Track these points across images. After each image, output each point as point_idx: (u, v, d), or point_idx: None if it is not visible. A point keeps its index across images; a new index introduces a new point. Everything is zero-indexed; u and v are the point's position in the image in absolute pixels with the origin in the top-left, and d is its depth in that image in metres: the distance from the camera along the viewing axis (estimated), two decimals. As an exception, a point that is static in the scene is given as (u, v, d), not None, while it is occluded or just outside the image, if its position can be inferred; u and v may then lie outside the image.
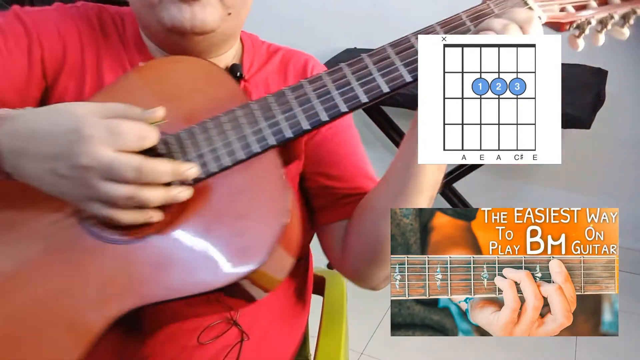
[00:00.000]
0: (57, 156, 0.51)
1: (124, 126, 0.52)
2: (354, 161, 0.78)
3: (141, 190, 0.51)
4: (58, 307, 0.54)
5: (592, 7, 0.61)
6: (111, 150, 0.50)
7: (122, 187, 0.50)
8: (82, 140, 0.50)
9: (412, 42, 0.59)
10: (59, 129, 0.51)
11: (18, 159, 0.52)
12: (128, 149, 0.51)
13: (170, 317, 0.63)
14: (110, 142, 0.50)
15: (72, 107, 0.53)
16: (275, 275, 0.59)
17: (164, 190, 0.53)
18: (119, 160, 0.50)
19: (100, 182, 0.50)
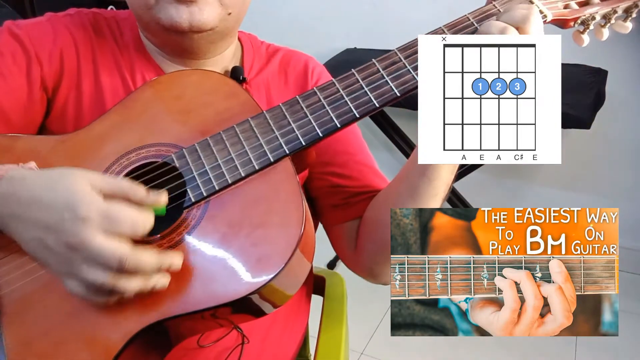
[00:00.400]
0: (48, 228, 0.50)
1: (120, 213, 0.50)
2: (362, 159, 0.79)
3: (119, 280, 0.50)
4: (78, 323, 0.54)
5: (595, 2, 0.62)
6: (102, 236, 0.49)
7: (101, 273, 0.49)
8: (75, 220, 0.49)
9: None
10: (56, 202, 0.50)
11: (9, 220, 0.52)
12: (120, 234, 0.50)
13: (191, 330, 0.62)
14: (103, 226, 0.49)
15: (75, 179, 0.52)
16: (293, 283, 0.59)
17: (143, 280, 0.51)
18: (106, 248, 0.49)
19: (83, 264, 0.49)
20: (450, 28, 0.60)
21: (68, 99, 0.69)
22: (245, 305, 0.55)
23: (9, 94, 0.66)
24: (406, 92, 0.59)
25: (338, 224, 0.78)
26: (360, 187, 0.76)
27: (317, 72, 0.80)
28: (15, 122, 0.66)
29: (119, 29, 0.74)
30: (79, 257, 0.49)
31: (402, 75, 0.59)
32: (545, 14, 0.60)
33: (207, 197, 0.57)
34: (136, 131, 0.62)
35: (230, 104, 0.62)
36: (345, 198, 0.76)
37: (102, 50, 0.72)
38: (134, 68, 0.72)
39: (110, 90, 0.70)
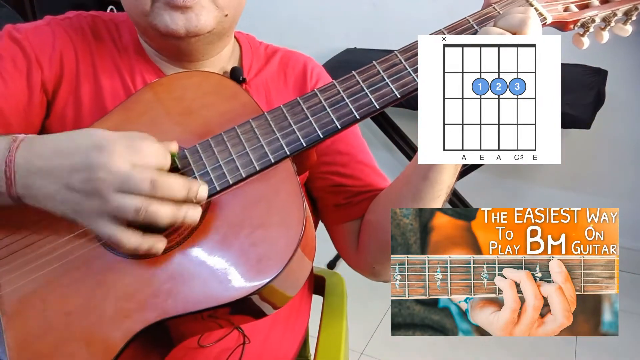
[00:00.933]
0: (75, 169, 0.51)
1: (143, 144, 0.53)
2: (364, 159, 0.79)
3: (151, 204, 0.51)
4: (78, 323, 0.54)
5: (595, 5, 0.62)
6: (128, 164, 0.51)
7: (133, 198, 0.50)
8: (101, 154, 0.51)
9: None
10: (80, 145, 0.52)
11: (32, 178, 0.52)
12: (145, 165, 0.52)
13: (191, 331, 0.62)
14: (128, 156, 0.51)
15: (93, 129, 0.54)
16: (294, 285, 0.59)
17: (174, 208, 0.52)
18: (135, 173, 0.50)
19: (113, 193, 0.50)
20: (450, 30, 0.60)
21: (67, 102, 0.70)
22: (245, 306, 0.55)
23: (10, 98, 0.66)
24: (406, 93, 0.59)
25: (340, 224, 0.78)
26: (362, 186, 0.77)
27: (316, 72, 0.81)
28: (15, 126, 0.67)
29: (118, 32, 0.74)
30: (109, 187, 0.50)
31: (402, 77, 0.59)
32: (545, 17, 0.60)
33: (208, 197, 0.57)
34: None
35: (231, 105, 0.63)
36: (347, 197, 0.77)
37: (101, 53, 0.72)
38: (134, 70, 0.72)
39: (110, 93, 0.70)
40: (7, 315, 0.56)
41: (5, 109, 0.66)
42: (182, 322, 0.55)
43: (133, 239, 0.52)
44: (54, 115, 0.70)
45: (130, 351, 0.54)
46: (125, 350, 0.54)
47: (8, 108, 0.66)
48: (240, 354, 0.72)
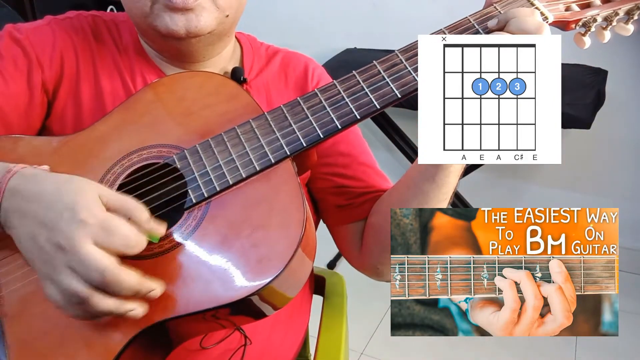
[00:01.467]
0: (44, 225, 0.50)
1: (117, 227, 0.50)
2: (365, 160, 0.79)
3: (94, 295, 0.49)
4: (78, 324, 0.54)
5: (596, 4, 0.62)
6: (92, 244, 0.49)
7: (78, 284, 0.48)
8: (71, 222, 0.49)
9: None
10: (59, 201, 0.51)
11: (12, 215, 0.52)
12: (110, 249, 0.49)
13: (191, 332, 0.62)
14: (97, 235, 0.49)
15: (84, 185, 0.52)
16: (294, 285, 0.59)
17: (117, 303, 0.50)
18: (92, 257, 0.48)
19: (65, 269, 0.49)
20: (451, 30, 0.60)
21: (67, 102, 0.69)
22: (245, 306, 0.55)
23: (10, 98, 0.66)
24: (407, 93, 0.59)
25: (343, 225, 0.79)
26: (364, 187, 0.77)
27: (317, 73, 0.81)
28: (15, 125, 0.67)
29: (118, 32, 0.74)
30: (64, 260, 0.49)
31: (403, 76, 0.59)
32: (547, 16, 0.60)
33: (208, 198, 0.57)
34: (138, 132, 0.62)
35: (232, 105, 0.62)
36: (349, 199, 0.77)
37: (102, 53, 0.72)
38: (134, 70, 0.72)
39: (110, 93, 0.70)
40: (7, 316, 0.55)
41: (6, 109, 0.66)
42: (182, 323, 0.55)
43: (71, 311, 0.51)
44: (54, 115, 0.70)
45: (130, 352, 0.54)
46: (125, 352, 0.53)
47: (9, 108, 0.66)
48: (242, 355, 0.72)
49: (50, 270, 0.50)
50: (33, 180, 0.53)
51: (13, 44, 0.68)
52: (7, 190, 0.52)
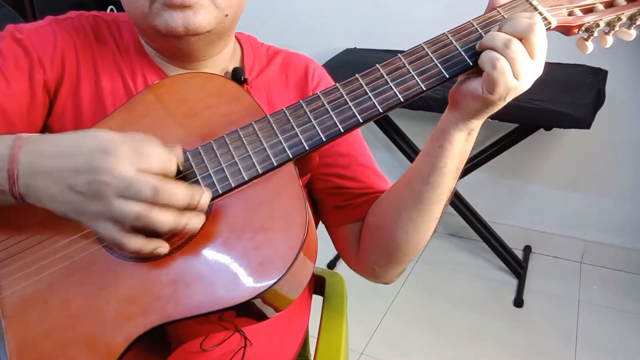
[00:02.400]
0: (78, 171, 0.51)
1: (149, 148, 0.52)
2: (364, 161, 0.79)
3: (152, 211, 0.50)
4: (80, 326, 0.54)
5: (599, 9, 0.61)
6: (133, 169, 0.50)
7: (134, 204, 0.50)
8: (106, 157, 0.50)
9: (425, 50, 0.59)
10: (85, 147, 0.51)
11: (34, 178, 0.52)
12: (150, 170, 0.51)
13: (192, 334, 0.62)
14: (133, 160, 0.50)
15: (99, 130, 0.53)
16: (296, 287, 0.59)
17: (176, 215, 0.52)
18: (138, 178, 0.50)
19: (115, 198, 0.50)
20: (454, 34, 0.59)
21: (67, 101, 0.70)
22: (247, 309, 0.55)
23: (13, 97, 0.66)
24: (410, 97, 0.58)
25: (341, 226, 0.79)
26: (362, 188, 0.77)
27: (318, 74, 0.81)
28: (18, 125, 0.67)
29: (119, 32, 0.75)
30: (111, 191, 0.50)
31: (405, 80, 0.59)
32: (550, 21, 0.60)
33: (210, 200, 0.57)
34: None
35: (234, 107, 0.62)
36: (347, 200, 0.77)
37: (102, 53, 0.72)
38: (135, 70, 0.72)
39: (110, 93, 0.70)
40: (9, 318, 0.55)
41: (9, 109, 0.66)
42: (184, 325, 0.55)
43: (134, 243, 0.52)
44: (55, 114, 0.70)
45: (131, 354, 0.54)
46: (126, 354, 0.53)
47: (11, 108, 0.66)
48: (242, 357, 0.72)
49: (101, 207, 0.50)
50: (47, 141, 0.54)
51: (15, 44, 0.68)
52: (22, 156, 0.52)
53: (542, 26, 0.55)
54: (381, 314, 1.86)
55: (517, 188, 2.18)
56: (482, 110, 0.59)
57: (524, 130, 1.83)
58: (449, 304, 1.92)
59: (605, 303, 1.87)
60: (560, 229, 2.15)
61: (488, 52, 0.55)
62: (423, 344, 1.73)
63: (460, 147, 0.63)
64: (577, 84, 1.74)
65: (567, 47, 0.77)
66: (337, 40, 2.24)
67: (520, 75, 0.54)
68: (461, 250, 2.23)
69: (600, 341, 1.72)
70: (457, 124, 0.61)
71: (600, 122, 1.66)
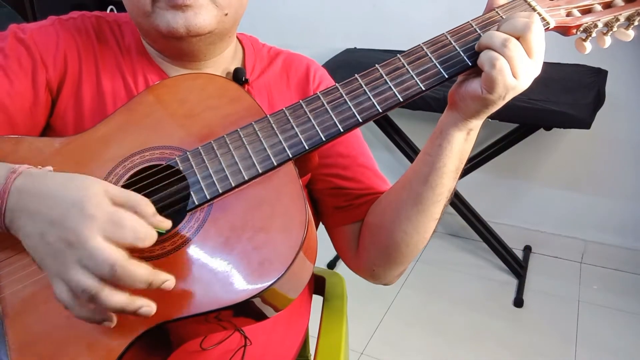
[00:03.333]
0: (52, 222, 0.49)
1: (126, 221, 0.49)
2: (365, 162, 0.79)
3: (104, 289, 0.48)
4: (80, 326, 0.54)
5: (597, 10, 0.61)
6: (101, 238, 0.48)
7: (89, 278, 0.47)
8: (80, 217, 0.49)
9: (424, 51, 0.59)
10: (66, 199, 0.50)
11: (17, 214, 0.52)
12: (121, 243, 0.49)
13: (192, 333, 0.62)
14: (106, 229, 0.48)
15: (90, 181, 0.52)
16: (295, 287, 0.59)
17: (127, 299, 0.49)
18: (102, 251, 0.47)
19: (75, 265, 0.48)
20: (453, 35, 0.60)
21: (69, 101, 0.70)
22: (247, 309, 0.55)
23: (16, 97, 0.66)
24: (409, 97, 0.59)
25: (340, 226, 0.79)
26: (362, 189, 0.77)
27: (319, 75, 0.81)
28: (21, 124, 0.67)
29: (121, 32, 0.75)
30: (74, 255, 0.48)
31: (405, 81, 0.59)
32: (548, 21, 0.60)
33: (210, 200, 0.57)
34: (140, 134, 0.63)
35: (235, 108, 0.62)
36: (348, 200, 0.77)
37: (104, 54, 0.72)
38: (136, 70, 0.72)
39: (111, 93, 0.70)
40: (9, 317, 0.55)
41: (11, 108, 0.66)
42: (184, 325, 0.55)
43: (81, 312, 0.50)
44: (57, 114, 0.70)
45: (131, 354, 0.54)
46: (126, 353, 0.53)
47: (14, 107, 0.66)
48: (242, 356, 0.72)
49: (60, 267, 0.49)
50: (38, 180, 0.53)
51: (17, 43, 0.68)
52: (13, 191, 0.52)
53: (540, 25, 0.56)
54: (381, 314, 1.86)
55: (517, 188, 2.18)
56: (481, 110, 0.59)
57: (524, 130, 1.83)
58: (449, 304, 1.92)
59: (605, 303, 1.87)
60: (560, 229, 2.15)
61: (487, 52, 0.55)
62: (423, 344, 1.73)
63: (460, 147, 0.63)
64: (577, 84, 1.74)
65: (567, 47, 0.77)
66: (337, 40, 2.24)
67: (519, 74, 0.55)
68: (461, 250, 2.23)
69: (600, 341, 1.72)
70: (457, 123, 0.61)
71: (600, 122, 1.66)
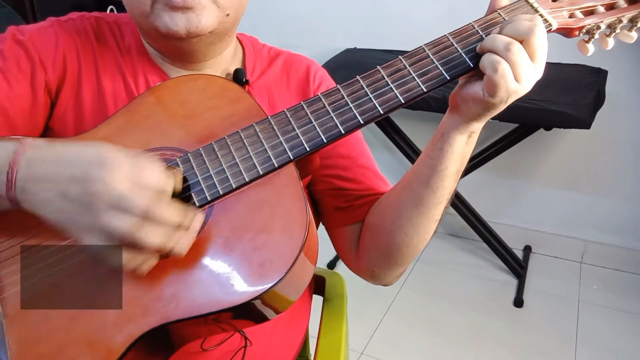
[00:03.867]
0: (73, 179, 0.50)
1: (148, 166, 0.50)
2: (365, 163, 0.79)
3: (142, 227, 0.49)
4: (80, 326, 0.54)
5: (600, 12, 0.61)
6: (127, 183, 0.49)
7: (126, 219, 0.48)
8: (103, 168, 0.49)
9: (426, 52, 0.59)
10: (84, 156, 0.51)
11: (31, 182, 0.51)
12: (146, 186, 0.50)
13: (193, 335, 0.62)
14: (129, 175, 0.49)
15: (103, 143, 0.52)
16: (296, 289, 0.59)
17: (165, 235, 0.50)
18: (131, 192, 0.48)
19: (106, 210, 0.48)
20: (455, 36, 0.59)
21: (69, 103, 0.70)
22: (247, 310, 0.55)
23: (15, 99, 0.66)
24: (411, 99, 0.59)
25: (341, 227, 0.79)
26: (363, 190, 0.77)
27: (319, 76, 0.81)
28: (20, 126, 0.67)
29: (121, 33, 0.75)
30: (104, 203, 0.48)
31: (406, 82, 0.59)
32: (551, 23, 0.59)
33: (211, 201, 0.57)
34: (141, 135, 0.63)
35: (235, 109, 0.62)
36: (348, 201, 0.77)
37: (104, 55, 0.72)
38: (136, 71, 0.72)
39: (111, 93, 0.70)
40: (9, 318, 0.55)
41: (11, 111, 0.66)
42: (184, 327, 0.55)
43: (118, 257, 0.50)
44: (56, 116, 0.70)
45: (131, 355, 0.54)
46: (127, 354, 0.53)
47: (13, 109, 0.66)
48: (242, 357, 0.72)
49: (90, 218, 0.49)
50: (50, 147, 0.53)
51: (16, 45, 0.68)
52: (23, 161, 0.52)
53: (543, 28, 0.55)
54: (381, 314, 1.86)
55: (517, 188, 2.18)
56: (482, 113, 0.59)
57: (524, 130, 1.83)
58: (449, 304, 1.92)
59: (605, 303, 1.87)
60: (560, 229, 2.15)
61: (489, 55, 0.55)
62: (423, 344, 1.73)
63: (461, 150, 0.63)
64: (577, 84, 1.74)
65: (568, 48, 0.77)
66: (337, 40, 2.24)
67: (521, 78, 0.54)
68: (461, 250, 2.23)
69: (600, 341, 1.72)
70: (458, 126, 0.61)
71: (600, 122, 1.66)
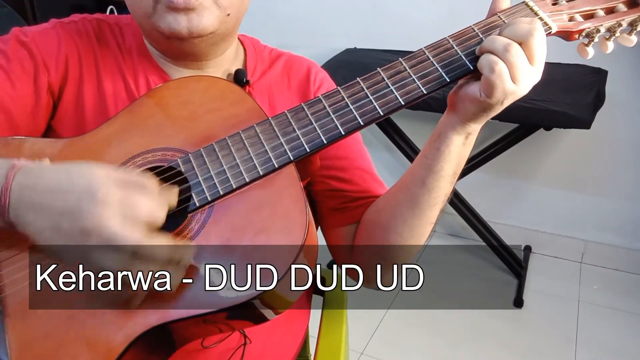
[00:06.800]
0: (64, 213, 0.50)
1: (138, 200, 0.50)
2: (362, 165, 0.80)
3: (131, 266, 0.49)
4: (80, 325, 0.54)
5: (599, 15, 0.61)
6: (118, 220, 0.48)
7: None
8: (93, 204, 0.49)
9: (426, 54, 0.60)
10: (75, 188, 0.50)
11: (24, 211, 0.51)
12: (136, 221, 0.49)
13: (192, 334, 0.62)
14: (120, 211, 0.49)
15: (93, 169, 0.52)
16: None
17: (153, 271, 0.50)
18: (123, 229, 0.48)
19: (97, 249, 0.49)
20: (455, 39, 0.60)
21: (70, 104, 0.70)
22: (247, 310, 0.55)
23: (18, 99, 0.66)
24: (411, 101, 0.59)
25: (335, 228, 0.79)
26: (359, 192, 0.77)
27: (320, 77, 0.81)
28: (22, 126, 0.67)
29: (122, 35, 0.75)
30: (93, 241, 0.48)
31: (407, 84, 0.59)
32: (550, 26, 0.60)
33: (211, 201, 0.58)
34: (143, 136, 0.63)
35: (237, 110, 0.63)
36: (344, 202, 0.77)
37: (105, 56, 0.72)
38: (137, 72, 0.73)
39: (112, 95, 0.71)
40: (10, 317, 0.56)
41: (14, 111, 0.66)
42: (184, 326, 0.55)
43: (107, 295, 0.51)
44: (58, 116, 0.70)
45: (131, 354, 0.54)
46: (126, 353, 0.53)
47: (16, 110, 0.66)
48: (242, 355, 0.72)
49: (80, 255, 0.49)
50: (41, 174, 0.53)
51: (20, 46, 0.69)
52: (14, 187, 0.52)
53: (542, 31, 0.55)
54: (381, 314, 1.86)
55: (517, 188, 2.19)
56: (479, 114, 0.59)
57: (524, 130, 1.84)
58: (449, 304, 1.92)
59: (605, 303, 1.88)
60: (560, 229, 2.15)
61: (487, 56, 0.55)
62: (423, 344, 1.73)
63: (458, 151, 0.63)
64: (577, 84, 1.74)
65: (568, 48, 0.77)
66: (337, 40, 2.24)
67: (518, 79, 0.55)
68: (461, 250, 2.23)
69: (600, 341, 1.72)
70: (455, 127, 0.61)
71: (600, 122, 1.66)
